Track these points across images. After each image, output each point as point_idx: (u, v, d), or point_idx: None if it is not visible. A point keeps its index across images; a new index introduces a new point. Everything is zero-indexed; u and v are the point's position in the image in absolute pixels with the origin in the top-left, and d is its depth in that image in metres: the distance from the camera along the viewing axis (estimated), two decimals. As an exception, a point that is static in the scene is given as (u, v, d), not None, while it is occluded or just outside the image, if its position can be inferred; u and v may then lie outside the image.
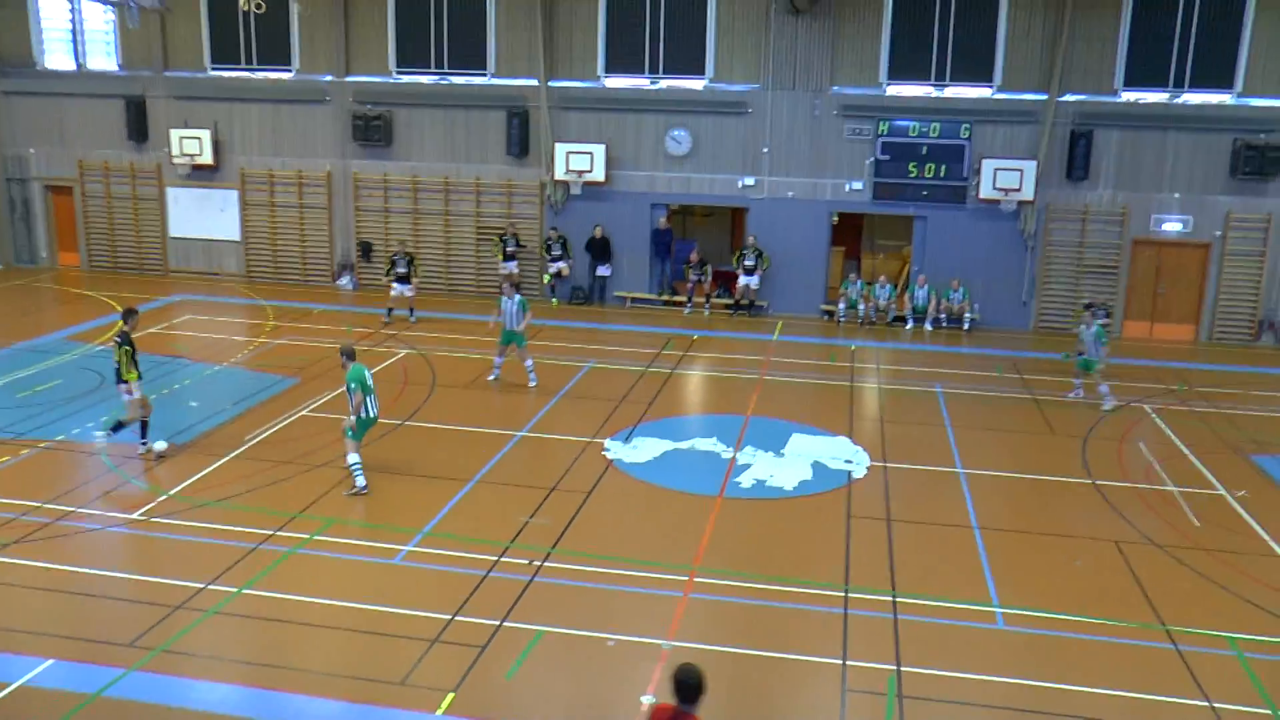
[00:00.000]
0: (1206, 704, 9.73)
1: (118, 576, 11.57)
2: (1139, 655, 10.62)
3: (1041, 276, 25.20)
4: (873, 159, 25.25)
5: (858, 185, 25.44)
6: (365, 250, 27.94)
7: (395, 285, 24.42)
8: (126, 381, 14.92)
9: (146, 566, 11.88)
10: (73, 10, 28.86)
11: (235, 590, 11.23)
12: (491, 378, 19.47)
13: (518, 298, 19.08)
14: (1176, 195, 24.52)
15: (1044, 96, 24.34)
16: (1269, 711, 9.63)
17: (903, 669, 10.08)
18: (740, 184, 25.96)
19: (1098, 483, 15.33)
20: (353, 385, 13.88)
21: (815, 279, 26.15)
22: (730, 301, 26.26)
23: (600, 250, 26.50)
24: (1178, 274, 25.02)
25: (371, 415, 14.17)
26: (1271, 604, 11.74)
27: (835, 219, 26.23)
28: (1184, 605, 11.67)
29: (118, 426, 15.21)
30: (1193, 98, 24.19)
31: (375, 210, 27.98)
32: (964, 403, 19.09)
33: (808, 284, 26.10)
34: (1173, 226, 24.68)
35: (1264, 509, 14.56)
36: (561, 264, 26.40)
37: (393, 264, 24.55)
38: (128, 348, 14.92)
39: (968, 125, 24.75)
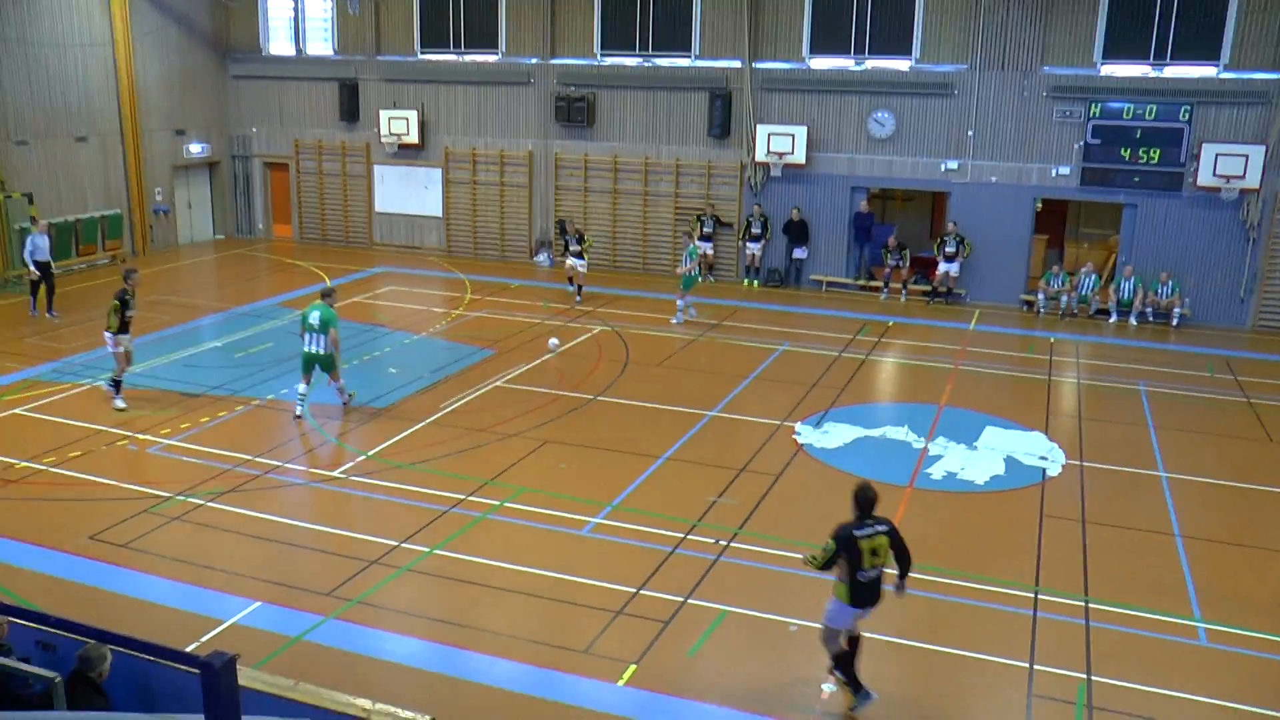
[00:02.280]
0: None
1: (319, 529, 12.23)
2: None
3: (1265, 271, 23.58)
4: (1082, 143, 24.15)
5: (1065, 170, 24.39)
6: (563, 228, 28.53)
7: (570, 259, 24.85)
8: (110, 331, 16.01)
9: (345, 521, 12.52)
10: (297, 1, 30.46)
11: (427, 550, 11.70)
12: (678, 319, 22.17)
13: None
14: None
15: (1277, 75, 22.73)
16: None
17: (1093, 678, 9.68)
18: (943, 168, 25.27)
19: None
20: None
21: (1016, 268, 25.24)
22: (928, 288, 25.64)
23: (798, 233, 26.29)
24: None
25: (308, 350, 15.69)
26: None
27: (1039, 205, 25.25)
28: None
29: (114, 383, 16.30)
30: None
31: (575, 189, 28.51)
32: (1170, 403, 18.10)
33: (1008, 273, 25.21)
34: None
35: None
36: (756, 246, 26.36)
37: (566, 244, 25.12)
38: (116, 303, 15.96)
39: (1188, 107, 23.33)
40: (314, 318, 15.63)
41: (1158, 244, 24.03)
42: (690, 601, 10.69)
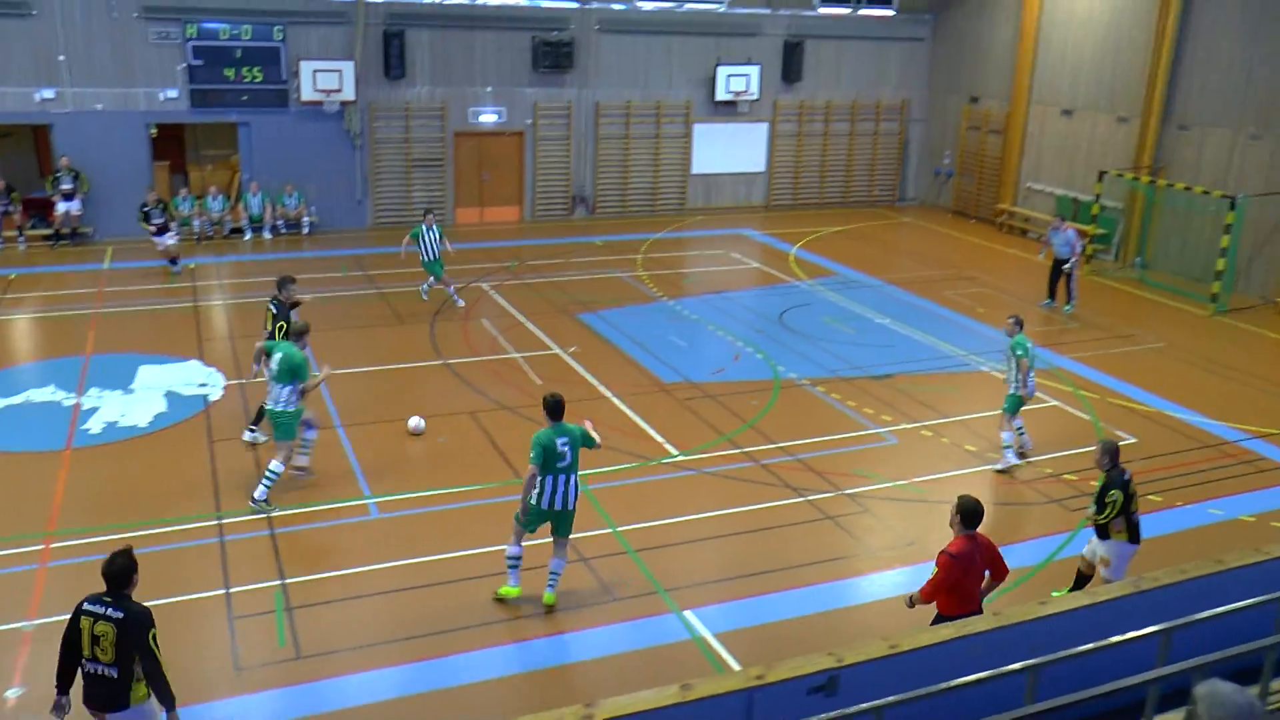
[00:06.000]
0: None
1: None
2: (506, 510, 11.66)
3: (373, 174, 25.79)
4: (185, 64, 23.89)
5: (173, 94, 23.98)
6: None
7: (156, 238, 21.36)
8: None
9: None
10: None
11: None
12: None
13: None
14: (489, 89, 26.22)
15: (377, -2, 24.65)
16: (610, 529, 11.27)
17: (288, 582, 10.19)
18: (38, 98, 23.27)
19: (449, 361, 16.40)
20: None
21: (140, 197, 24.36)
22: (49, 231, 23.69)
23: None
24: (499, 161, 26.95)
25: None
26: (603, 439, 13.47)
27: (154, 131, 24.63)
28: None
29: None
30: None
31: None
32: (313, 305, 18.99)
33: (133, 203, 24.22)
34: (488, 118, 26.42)
35: (592, 359, 16.66)
36: None
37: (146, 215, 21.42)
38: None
39: (280, 27, 24.25)
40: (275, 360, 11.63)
41: (277, 159, 24.91)
42: None
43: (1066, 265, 19.96)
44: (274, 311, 13.02)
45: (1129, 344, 18.75)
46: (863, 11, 29.92)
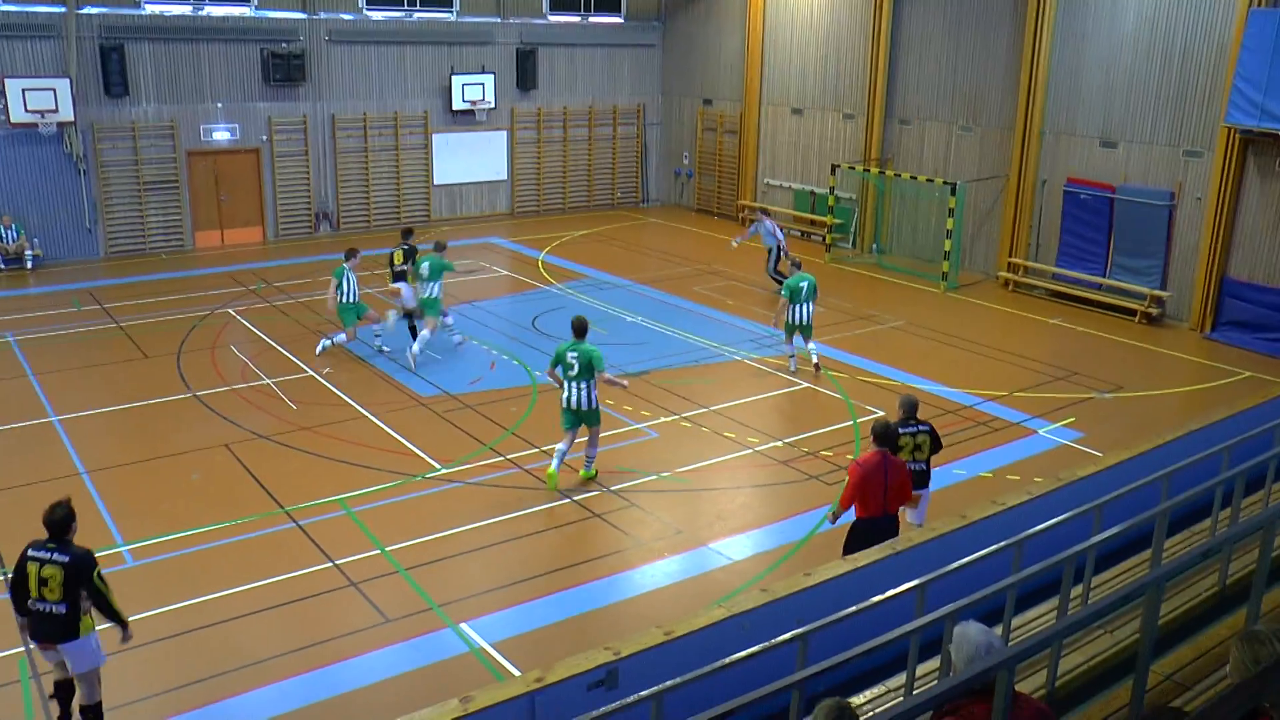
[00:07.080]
0: (331, 564, 10.81)
1: None
2: (269, 542, 11.33)
3: (102, 200, 24.26)
4: None
5: None
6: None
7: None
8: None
9: None
10: None
11: None
12: None
13: None
14: (220, 105, 25.15)
15: (62, 9, 23.01)
16: (378, 550, 11.07)
17: (34, 647, 9.44)
18: None
19: (198, 394, 15.64)
20: None
21: None
22: None
23: None
24: (237, 180, 25.88)
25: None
26: (364, 459, 13.33)
27: None
28: (296, 484, 12.64)
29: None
30: (216, 10, 24.79)
31: None
32: (44, 347, 17.89)
33: None
34: (222, 135, 25.35)
35: (346, 379, 16.36)
36: None
37: None
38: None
39: (-22, 43, 22.53)
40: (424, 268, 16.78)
41: (-11, 188, 23.10)
42: None
43: (777, 251, 21.44)
44: (405, 251, 18.02)
45: (871, 324, 19.89)
46: (592, 19, 30.54)
